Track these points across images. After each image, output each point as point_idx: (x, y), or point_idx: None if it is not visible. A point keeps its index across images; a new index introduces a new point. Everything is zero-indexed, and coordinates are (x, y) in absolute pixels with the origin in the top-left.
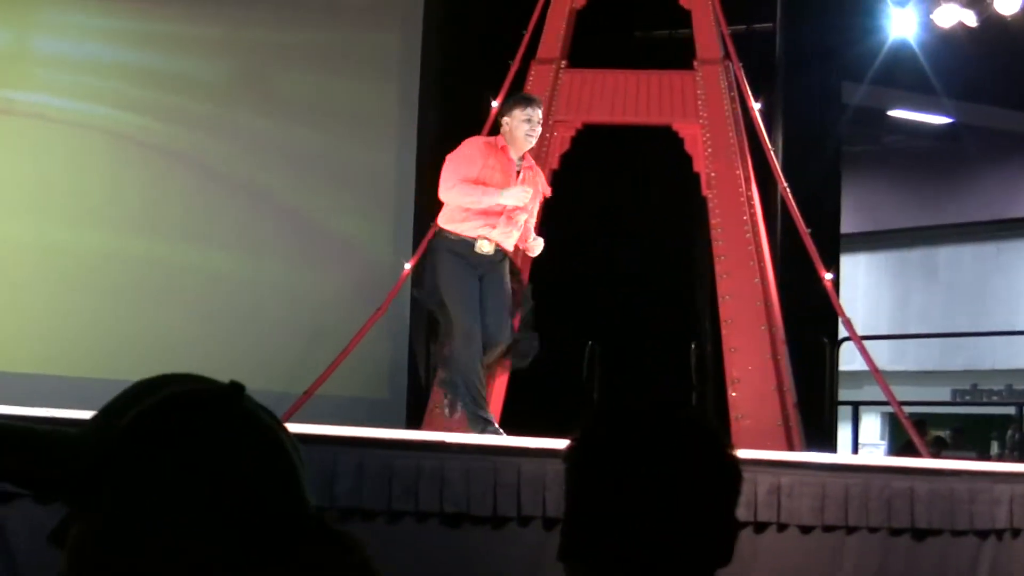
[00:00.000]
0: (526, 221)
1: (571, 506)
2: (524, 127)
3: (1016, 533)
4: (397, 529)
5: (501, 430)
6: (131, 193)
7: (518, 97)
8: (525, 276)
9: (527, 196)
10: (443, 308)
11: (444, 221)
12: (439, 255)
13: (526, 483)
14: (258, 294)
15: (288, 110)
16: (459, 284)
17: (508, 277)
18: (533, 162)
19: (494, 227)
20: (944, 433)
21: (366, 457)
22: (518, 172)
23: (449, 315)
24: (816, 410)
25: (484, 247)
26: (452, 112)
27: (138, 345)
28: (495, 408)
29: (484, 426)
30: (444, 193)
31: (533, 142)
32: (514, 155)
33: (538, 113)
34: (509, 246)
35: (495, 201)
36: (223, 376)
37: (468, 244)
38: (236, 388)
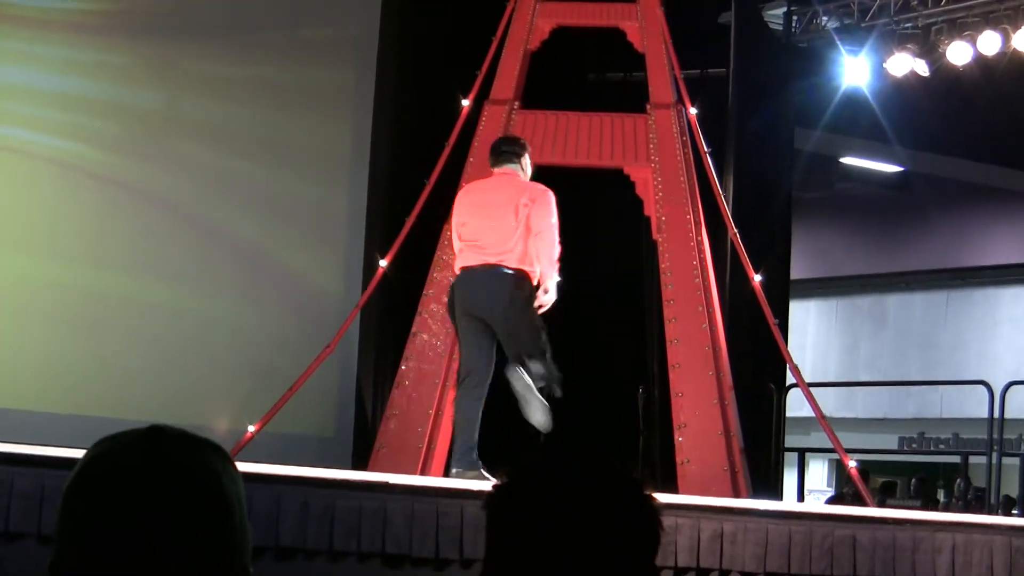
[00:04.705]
0: None
1: (490, 551)
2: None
3: None
4: (339, 569)
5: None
6: (83, 225)
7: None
8: None
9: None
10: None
11: (528, 265)
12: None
13: (469, 525)
14: (207, 329)
15: (241, 145)
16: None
17: None
18: None
19: None
20: (912, 480)
21: (309, 497)
22: None
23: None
24: (762, 456)
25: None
26: (405, 151)
27: (87, 379)
28: (442, 451)
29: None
30: (554, 238)
31: None
32: None
33: None
34: None
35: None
36: (170, 411)
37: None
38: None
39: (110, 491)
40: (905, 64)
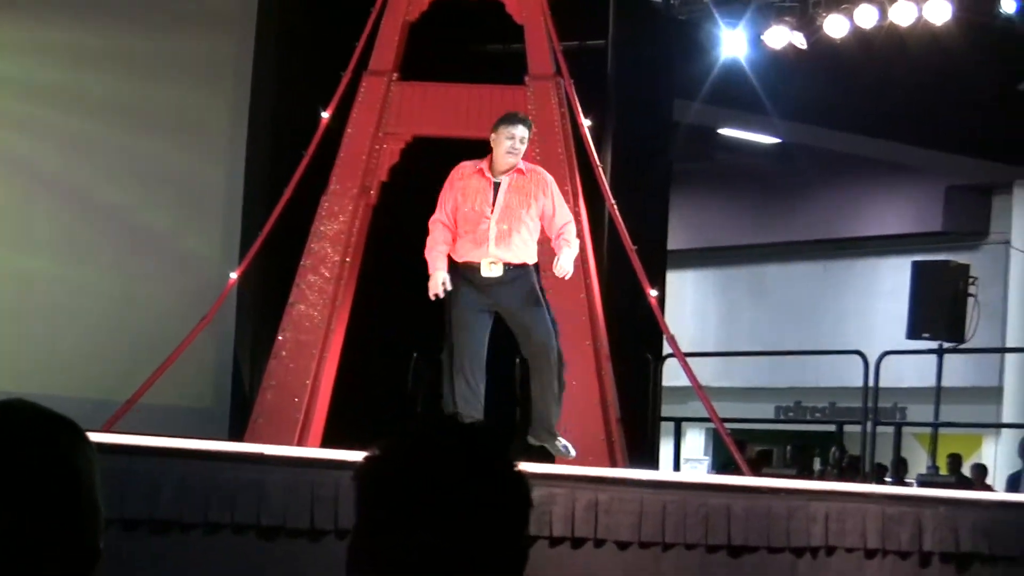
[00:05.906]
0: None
1: (360, 521)
2: (506, 144)
3: (831, 551)
4: (215, 541)
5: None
6: None
7: (505, 114)
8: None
9: (432, 290)
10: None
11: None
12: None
13: (344, 496)
14: (82, 300)
15: (119, 116)
16: (461, 312)
17: (531, 287)
18: (535, 173)
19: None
20: (788, 448)
21: (186, 468)
22: (497, 186)
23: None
24: (639, 426)
25: (492, 270)
26: (283, 123)
27: None
28: (319, 420)
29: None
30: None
31: (514, 159)
32: (493, 173)
33: (521, 130)
34: (512, 258)
35: (432, 270)
36: (43, 382)
37: (473, 268)
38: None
39: None
40: (783, 36)
